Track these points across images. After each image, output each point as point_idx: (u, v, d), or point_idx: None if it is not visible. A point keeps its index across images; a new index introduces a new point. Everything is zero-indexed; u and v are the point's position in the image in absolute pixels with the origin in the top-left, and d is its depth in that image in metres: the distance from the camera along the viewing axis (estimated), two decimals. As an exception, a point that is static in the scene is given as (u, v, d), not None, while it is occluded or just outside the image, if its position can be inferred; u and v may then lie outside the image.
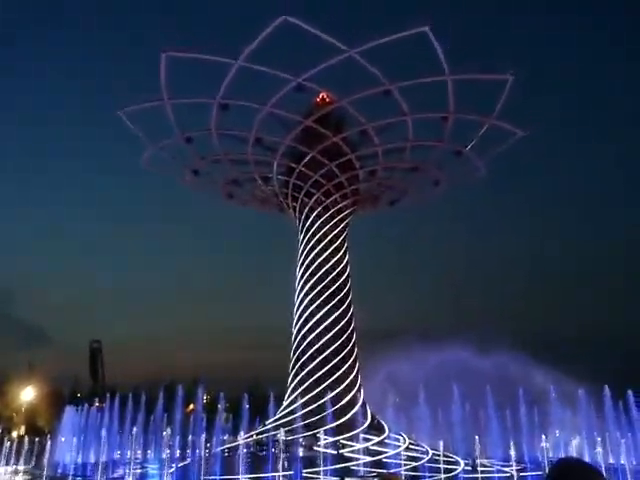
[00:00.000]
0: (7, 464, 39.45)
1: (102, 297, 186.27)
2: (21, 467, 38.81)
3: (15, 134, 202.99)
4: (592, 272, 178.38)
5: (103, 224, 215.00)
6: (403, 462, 35.08)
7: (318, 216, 44.88)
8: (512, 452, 36.31)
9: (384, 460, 36.42)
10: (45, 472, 32.42)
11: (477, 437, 40.03)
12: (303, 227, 45.64)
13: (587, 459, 39.19)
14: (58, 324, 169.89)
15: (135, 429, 44.31)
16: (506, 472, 34.16)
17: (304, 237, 45.45)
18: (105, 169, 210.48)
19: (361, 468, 34.46)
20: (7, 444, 43.48)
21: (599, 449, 39.43)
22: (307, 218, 45.30)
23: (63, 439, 50.35)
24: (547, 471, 2.22)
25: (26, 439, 48.64)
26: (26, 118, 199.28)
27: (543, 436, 40.85)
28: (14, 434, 70.09)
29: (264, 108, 39.49)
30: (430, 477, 31.68)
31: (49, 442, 42.47)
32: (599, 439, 41.33)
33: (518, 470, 32.35)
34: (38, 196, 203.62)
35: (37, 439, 48.25)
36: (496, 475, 34.46)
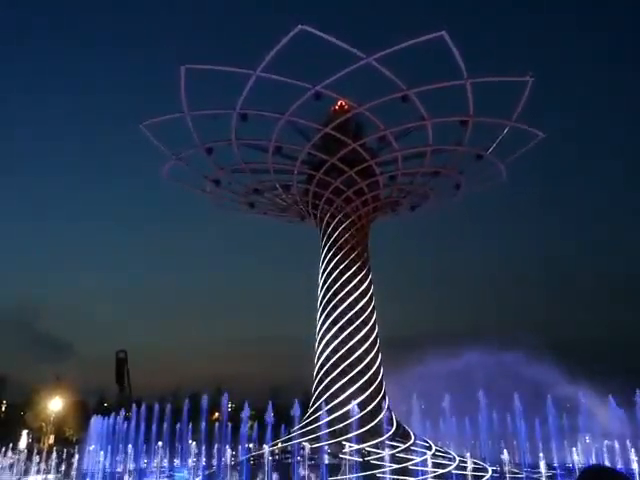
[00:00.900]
0: (37, 473, 40.01)
1: (130, 310, 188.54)
2: (51, 476, 39.32)
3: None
4: (610, 272, 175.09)
5: (134, 238, 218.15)
6: (430, 469, 34.74)
7: (339, 223, 44.92)
8: (541, 458, 35.72)
9: (410, 467, 36.13)
10: (74, 481, 32.77)
11: (504, 443, 39.53)
12: (324, 234, 45.72)
13: (620, 465, 38.40)
14: (87, 338, 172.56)
15: (162, 438, 44.70)
16: (535, 478, 33.60)
17: (325, 244, 45.52)
18: (131, 177, 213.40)
19: (387, 476, 34.21)
20: (37, 454, 44.09)
21: (633, 456, 38.60)
22: (328, 225, 45.38)
23: (91, 447, 50.99)
24: (577, 476, 2.22)
25: (54, 449, 49.29)
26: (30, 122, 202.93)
27: (570, 444, 40.11)
28: (43, 444, 71.11)
29: (283, 117, 39.74)
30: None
31: (77, 451, 42.96)
32: (632, 447, 40.48)
33: (548, 477, 31.79)
34: (69, 211, 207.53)
35: (65, 449, 48.85)
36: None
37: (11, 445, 50.39)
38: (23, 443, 63.43)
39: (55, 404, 78.16)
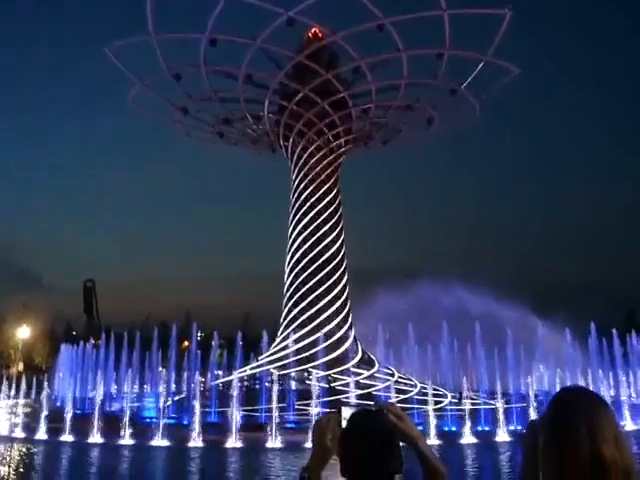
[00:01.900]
0: (8, 398, 40.42)
1: (98, 239, 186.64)
2: (21, 401, 39.77)
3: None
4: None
5: (101, 169, 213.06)
6: (392, 395, 36.26)
7: (310, 155, 44.49)
8: (498, 386, 37.51)
9: (374, 393, 37.67)
10: (44, 405, 33.26)
11: (464, 372, 41.30)
12: (295, 167, 45.33)
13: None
14: (54, 267, 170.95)
15: (131, 365, 45.36)
16: (492, 404, 35.41)
17: (296, 177, 45.22)
18: (103, 113, 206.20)
19: (352, 401, 35.64)
20: (6, 379, 44.38)
21: (582, 382, 40.86)
22: (299, 158, 44.92)
23: (61, 375, 51.55)
24: (551, 399, 2.27)
25: (24, 375, 49.63)
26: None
27: (526, 374, 42.18)
28: (12, 370, 71.57)
29: (254, 43, 38.41)
30: (418, 409, 32.82)
31: (46, 378, 43.37)
32: (581, 375, 42.80)
33: (504, 402, 33.53)
34: (36, 144, 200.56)
35: (35, 376, 49.22)
36: (482, 407, 35.74)
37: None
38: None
39: (23, 332, 78.14)
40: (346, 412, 2.54)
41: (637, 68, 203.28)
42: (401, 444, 2.47)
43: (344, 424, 2.53)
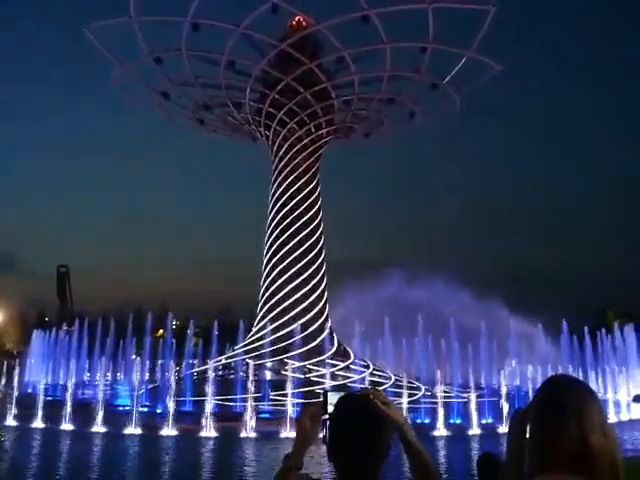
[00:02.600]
0: (-23, 384, 39.70)
1: (71, 224, 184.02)
2: (-10, 386, 39.10)
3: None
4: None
5: (71, 151, 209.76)
6: (367, 387, 36.42)
7: (291, 146, 44.28)
8: (471, 380, 37.97)
9: (349, 385, 37.82)
10: (15, 391, 32.70)
11: (437, 366, 41.71)
12: (275, 156, 45.09)
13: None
14: (25, 251, 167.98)
15: (105, 352, 44.89)
16: (464, 397, 35.85)
17: (276, 167, 45.00)
18: (74, 96, 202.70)
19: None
20: (-25, 365, 43.55)
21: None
22: (280, 147, 44.69)
23: (32, 361, 50.75)
24: (540, 387, 2.24)
25: (-6, 361, 48.78)
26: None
27: (498, 368, 42.82)
28: (-19, 356, 70.25)
29: (237, 30, 38.00)
30: (393, 401, 32.99)
31: (18, 364, 42.66)
32: (552, 371, 43.50)
33: (476, 396, 33.95)
34: (12, 122, 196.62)
35: (6, 361, 48.41)
36: (455, 400, 36.14)
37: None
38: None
39: (-6, 317, 76.82)
40: (332, 397, 2.53)
41: (635, 64, 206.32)
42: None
43: (330, 409, 2.50)
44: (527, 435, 2.19)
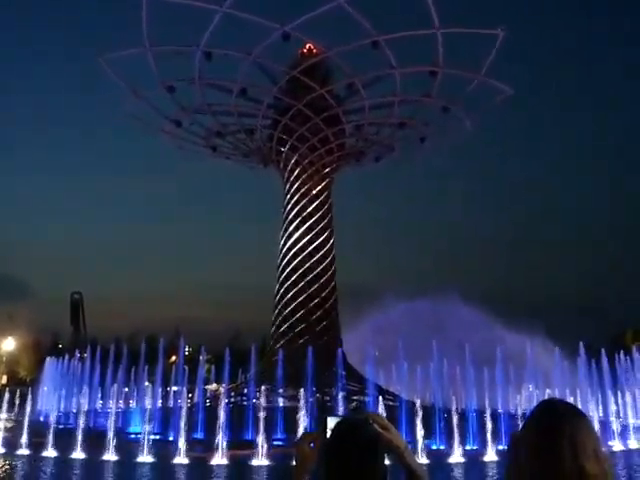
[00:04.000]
0: (-11, 412, 39.70)
1: (85, 250, 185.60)
2: (3, 415, 39.05)
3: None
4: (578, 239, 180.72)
5: (88, 177, 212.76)
6: (381, 412, 35.89)
7: (303, 171, 44.57)
8: (487, 405, 37.30)
9: (362, 409, 37.30)
10: (27, 420, 32.61)
11: (453, 390, 41.05)
12: (287, 182, 45.36)
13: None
14: (41, 278, 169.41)
15: (117, 379, 44.75)
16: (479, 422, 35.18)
17: (288, 191, 45.24)
18: (87, 122, 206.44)
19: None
20: (-11, 393, 43.62)
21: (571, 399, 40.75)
22: (291, 173, 44.98)
23: (45, 389, 50.70)
24: (531, 412, 2.20)
25: (7, 389, 48.84)
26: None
27: (515, 392, 42.11)
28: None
29: (249, 58, 38.55)
30: (407, 425, 32.50)
31: (30, 392, 42.65)
32: (570, 396, 42.67)
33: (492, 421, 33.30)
34: (20, 150, 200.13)
35: (19, 389, 48.42)
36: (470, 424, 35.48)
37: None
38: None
39: (8, 344, 77.07)
40: (331, 422, 2.47)
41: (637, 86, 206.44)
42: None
43: (329, 434, 2.43)
44: (522, 460, 2.14)
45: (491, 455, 29.16)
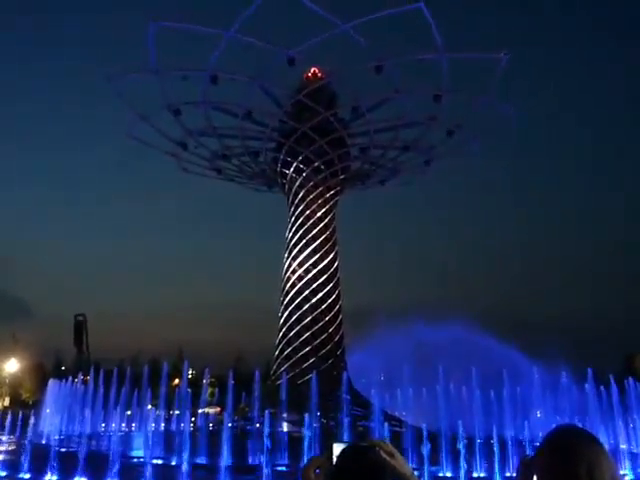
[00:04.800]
0: (-9, 435, 39.39)
1: (86, 271, 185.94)
2: (4, 437, 38.71)
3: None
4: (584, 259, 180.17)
5: (87, 198, 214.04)
6: (387, 438, 35.38)
7: (307, 193, 44.70)
8: (494, 431, 36.74)
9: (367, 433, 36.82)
10: (29, 442, 32.27)
11: (460, 416, 40.43)
12: (292, 204, 45.46)
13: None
14: (42, 299, 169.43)
15: (120, 402, 44.38)
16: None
17: (292, 214, 45.31)
18: (91, 144, 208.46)
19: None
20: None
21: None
22: (296, 195, 45.11)
23: (48, 411, 50.29)
24: (546, 438, 2.14)
25: (10, 411, 48.49)
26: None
27: (523, 419, 41.47)
28: (-2, 406, 70.06)
29: (255, 81, 38.98)
30: (413, 451, 32.01)
31: (33, 414, 42.34)
32: (579, 422, 41.96)
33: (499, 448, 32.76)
34: (23, 172, 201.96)
35: (21, 411, 48.09)
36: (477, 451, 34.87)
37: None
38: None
39: (11, 365, 76.80)
40: (337, 448, 2.40)
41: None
42: None
43: (335, 460, 2.37)
44: None
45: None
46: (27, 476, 28.64)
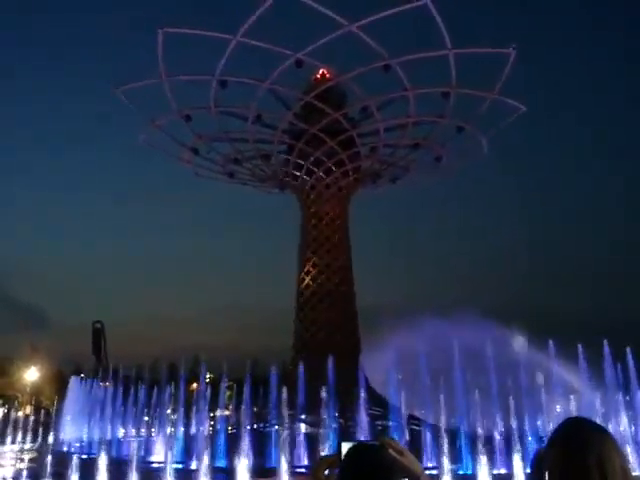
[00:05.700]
0: (13, 443, 39.84)
1: (102, 279, 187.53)
2: (27, 445, 39.19)
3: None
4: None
5: (101, 203, 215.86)
6: (406, 436, 35.26)
7: (319, 194, 44.72)
8: (514, 427, 36.43)
9: (384, 433, 36.70)
10: (50, 450, 32.66)
11: (479, 414, 40.16)
12: (304, 205, 45.52)
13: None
14: (58, 306, 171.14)
15: (138, 408, 44.69)
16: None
17: (305, 215, 45.35)
18: (104, 148, 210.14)
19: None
20: (12, 423, 43.85)
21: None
22: (308, 196, 45.16)
23: (68, 418, 50.76)
24: (556, 431, 2.15)
25: (31, 419, 49.08)
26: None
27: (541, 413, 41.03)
28: (20, 414, 70.78)
29: (263, 84, 39.08)
30: (432, 449, 31.88)
31: (53, 421, 42.82)
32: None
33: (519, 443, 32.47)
34: (37, 177, 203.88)
35: (42, 419, 48.64)
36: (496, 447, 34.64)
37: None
38: (-2, 413, 63.13)
39: (31, 374, 77.63)
40: (346, 447, 2.40)
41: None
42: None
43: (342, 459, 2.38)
44: (549, 476, 2.14)
45: (520, 478, 28.41)
46: (49, 483, 28.93)
